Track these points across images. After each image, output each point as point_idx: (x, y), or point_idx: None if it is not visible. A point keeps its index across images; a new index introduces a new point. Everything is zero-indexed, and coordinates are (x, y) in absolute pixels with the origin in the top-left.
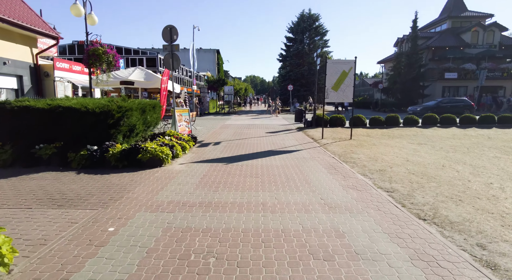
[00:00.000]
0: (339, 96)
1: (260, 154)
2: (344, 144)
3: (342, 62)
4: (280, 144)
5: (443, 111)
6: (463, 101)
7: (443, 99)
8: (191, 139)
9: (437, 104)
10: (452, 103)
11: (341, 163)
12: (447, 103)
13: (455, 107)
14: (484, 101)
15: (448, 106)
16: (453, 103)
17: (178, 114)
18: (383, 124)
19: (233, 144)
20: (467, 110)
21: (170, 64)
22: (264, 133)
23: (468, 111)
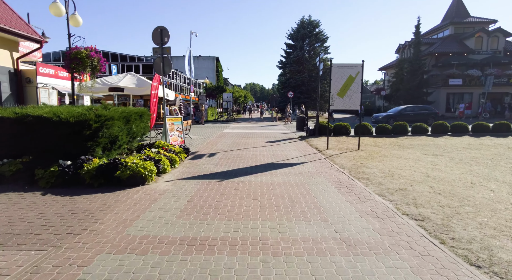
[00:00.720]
0: (346, 103)
1: (260, 168)
2: (352, 155)
3: (349, 66)
4: (281, 155)
5: (406, 119)
6: (427, 108)
7: (407, 106)
8: (182, 151)
9: (400, 112)
10: (416, 111)
11: (353, 180)
12: (411, 111)
13: (419, 115)
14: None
15: (411, 114)
16: (416, 111)
17: (169, 123)
18: (390, 133)
19: (229, 156)
20: (431, 118)
21: (161, 68)
22: (263, 142)
23: (432, 120)
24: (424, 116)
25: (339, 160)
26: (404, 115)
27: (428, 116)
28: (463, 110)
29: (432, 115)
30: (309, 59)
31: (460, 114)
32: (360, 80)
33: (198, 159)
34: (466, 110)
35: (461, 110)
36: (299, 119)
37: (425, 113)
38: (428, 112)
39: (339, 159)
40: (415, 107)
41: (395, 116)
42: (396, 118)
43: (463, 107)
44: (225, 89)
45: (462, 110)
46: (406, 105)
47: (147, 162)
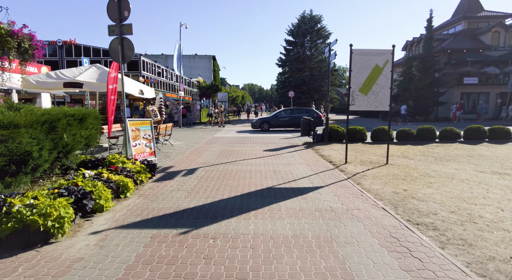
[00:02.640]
0: (370, 102)
1: (254, 198)
2: (383, 174)
3: (375, 53)
4: (285, 173)
5: (282, 123)
6: (308, 112)
7: (284, 109)
8: (144, 169)
9: (275, 115)
10: (295, 114)
11: (411, 231)
12: (289, 114)
13: (296, 118)
14: (479, 110)
15: (287, 118)
16: (296, 114)
17: (132, 129)
18: (415, 139)
19: (213, 175)
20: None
21: (119, 53)
22: (261, 151)
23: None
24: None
25: (369, 182)
26: (279, 118)
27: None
28: (455, 112)
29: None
30: (310, 56)
31: (454, 117)
32: (389, 72)
33: (167, 180)
34: (458, 111)
35: (453, 112)
36: (304, 122)
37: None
38: (308, 116)
39: (368, 182)
40: (294, 110)
41: (270, 119)
42: (270, 122)
43: (405, 109)
44: (220, 89)
45: (455, 112)
46: (284, 108)
47: (58, 202)
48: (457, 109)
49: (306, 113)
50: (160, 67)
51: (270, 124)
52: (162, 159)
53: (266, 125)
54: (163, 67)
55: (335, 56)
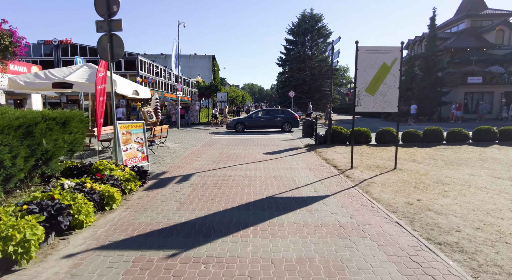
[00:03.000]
0: (377, 103)
1: (254, 210)
2: (393, 180)
3: (382, 51)
4: (287, 179)
5: (256, 124)
6: (283, 112)
7: (260, 110)
8: (133, 177)
9: (250, 116)
10: (271, 114)
11: (433, 253)
12: (264, 115)
13: (271, 120)
14: (480, 110)
15: (263, 119)
16: (271, 114)
17: (123, 132)
18: (421, 140)
19: (209, 182)
20: (287, 124)
21: (108, 51)
22: (261, 154)
23: (289, 126)
24: (278, 122)
25: (378, 191)
26: (254, 119)
27: (283, 122)
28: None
29: (289, 120)
30: (311, 56)
31: (451, 117)
32: (398, 71)
33: (159, 189)
34: (456, 111)
35: (452, 112)
36: (306, 124)
37: (279, 118)
38: (283, 117)
39: (378, 190)
40: (269, 111)
41: (244, 121)
42: (245, 123)
43: (415, 108)
44: (219, 88)
45: (453, 112)
46: (260, 109)
47: (29, 219)
48: (456, 109)
49: (281, 114)
50: (159, 66)
51: (244, 125)
52: (156, 164)
53: (241, 126)
54: (161, 67)
55: (339, 54)
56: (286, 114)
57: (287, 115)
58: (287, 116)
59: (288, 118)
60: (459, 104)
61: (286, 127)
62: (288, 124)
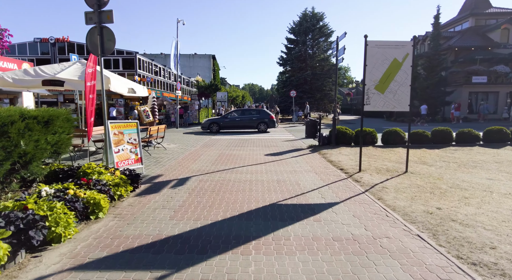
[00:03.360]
0: (388, 102)
1: (255, 222)
2: (406, 186)
3: (393, 45)
4: (291, 184)
5: (232, 124)
6: (259, 112)
7: (236, 110)
8: (123, 182)
9: (225, 116)
10: (246, 115)
11: (469, 276)
12: (240, 115)
13: (246, 120)
14: (481, 110)
15: (238, 119)
16: (247, 115)
17: (115, 132)
18: (429, 142)
19: (207, 186)
20: (263, 124)
21: (98, 45)
22: (263, 155)
23: (264, 126)
24: (253, 122)
25: (392, 197)
26: (229, 120)
27: (259, 122)
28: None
29: (264, 120)
30: (312, 55)
31: (452, 117)
32: (410, 67)
33: (152, 194)
34: (455, 111)
35: (451, 112)
36: (309, 124)
37: (254, 118)
38: (259, 117)
39: (391, 196)
40: (244, 111)
41: (219, 121)
42: (219, 124)
43: (425, 109)
44: (219, 88)
45: (453, 112)
46: (236, 109)
47: None
48: (455, 109)
49: (257, 114)
50: (158, 65)
51: (219, 126)
52: (151, 166)
53: (215, 126)
54: (160, 66)
55: (344, 50)
56: (261, 114)
57: (263, 115)
58: (262, 116)
59: (263, 118)
60: (458, 104)
61: (261, 128)
62: (263, 124)
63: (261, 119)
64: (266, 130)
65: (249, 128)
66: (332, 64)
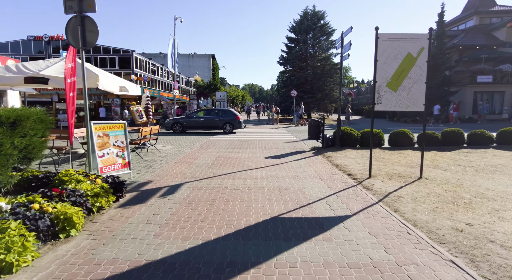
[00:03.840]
0: (401, 100)
1: (254, 242)
2: (424, 194)
3: (407, 39)
4: (295, 192)
5: (195, 124)
6: (224, 113)
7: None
8: (104, 191)
9: (189, 116)
10: (211, 115)
11: None
12: (205, 116)
13: (210, 120)
14: (480, 110)
15: (202, 120)
16: (212, 115)
17: (99, 134)
18: (439, 143)
19: (200, 195)
20: (228, 125)
21: (79, 36)
22: (263, 158)
23: (230, 127)
24: (218, 122)
25: (410, 209)
26: (193, 119)
27: (224, 122)
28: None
29: (230, 121)
30: (313, 54)
31: (451, 118)
32: (425, 62)
33: (138, 205)
34: (454, 111)
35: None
36: (312, 124)
37: (219, 119)
38: (224, 118)
39: (409, 207)
40: (210, 111)
41: (182, 120)
42: (183, 124)
43: (438, 109)
44: (218, 88)
45: (452, 112)
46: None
47: None
48: (454, 109)
49: (222, 114)
50: (155, 64)
51: (182, 126)
52: (141, 171)
53: (178, 126)
54: (158, 65)
55: (350, 46)
56: (227, 115)
57: (228, 116)
58: (228, 116)
59: (228, 119)
60: (457, 104)
61: (226, 128)
62: (228, 125)
63: (227, 120)
64: (231, 131)
65: (214, 128)
66: (333, 63)
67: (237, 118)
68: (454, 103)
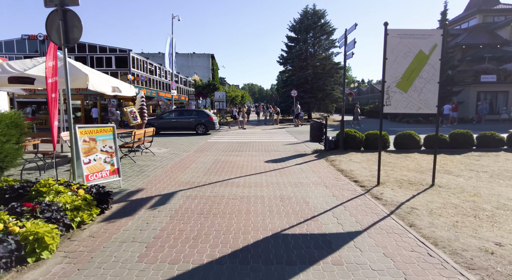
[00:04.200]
0: (411, 101)
1: (253, 267)
2: (440, 205)
3: (419, 35)
4: (298, 203)
5: (168, 125)
6: (197, 113)
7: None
8: (87, 203)
9: (160, 117)
10: (183, 115)
11: None
12: (177, 116)
13: (182, 121)
14: (480, 110)
15: (174, 120)
16: (184, 115)
17: (85, 139)
18: (447, 146)
19: (194, 206)
20: (201, 126)
21: (61, 32)
22: (262, 162)
23: (203, 128)
24: (190, 123)
25: (427, 224)
26: (165, 121)
27: (197, 124)
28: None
29: (203, 122)
30: (313, 54)
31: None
32: (438, 61)
33: (124, 218)
34: (452, 112)
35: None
36: (314, 126)
37: (192, 120)
38: (197, 118)
39: (425, 222)
40: (183, 112)
41: (153, 122)
42: (153, 125)
43: (449, 109)
44: (217, 87)
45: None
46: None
47: None
48: (452, 110)
49: (195, 115)
50: (153, 64)
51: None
52: (132, 178)
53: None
54: (156, 65)
55: (354, 44)
56: (200, 116)
57: (201, 117)
58: (201, 117)
59: (202, 120)
60: (456, 104)
61: (199, 130)
62: (201, 126)
63: (200, 121)
64: (205, 132)
65: (187, 130)
66: (334, 63)
67: (211, 118)
68: (453, 102)
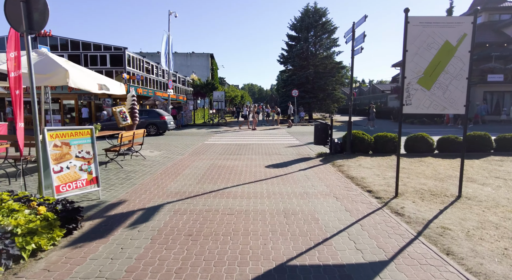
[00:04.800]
0: (435, 100)
1: None
2: (477, 224)
3: (445, 23)
4: (305, 220)
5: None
6: (148, 113)
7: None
8: (52, 222)
9: (108, 120)
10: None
11: None
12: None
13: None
14: (478, 111)
15: None
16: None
17: (56, 144)
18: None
19: (182, 224)
20: (152, 126)
21: (22, 16)
22: (263, 167)
23: (154, 128)
24: (141, 124)
25: (468, 251)
26: (112, 122)
27: (147, 124)
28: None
29: (154, 122)
30: (314, 53)
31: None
32: (468, 53)
33: (96, 241)
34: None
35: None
36: (319, 127)
37: (142, 120)
38: (147, 119)
39: (465, 249)
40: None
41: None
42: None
43: None
44: (216, 87)
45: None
46: None
47: None
48: None
49: (145, 115)
50: (150, 63)
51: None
52: (115, 186)
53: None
54: (153, 64)
55: (364, 37)
56: (150, 116)
57: (152, 117)
58: (152, 117)
59: (153, 120)
60: None
61: (151, 130)
62: (153, 127)
63: (150, 121)
64: (158, 133)
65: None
66: (335, 62)
67: (163, 118)
68: None
